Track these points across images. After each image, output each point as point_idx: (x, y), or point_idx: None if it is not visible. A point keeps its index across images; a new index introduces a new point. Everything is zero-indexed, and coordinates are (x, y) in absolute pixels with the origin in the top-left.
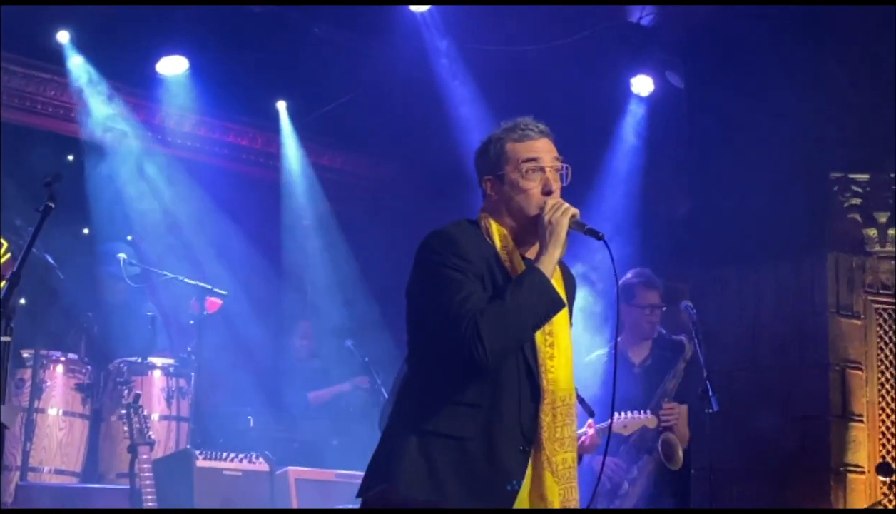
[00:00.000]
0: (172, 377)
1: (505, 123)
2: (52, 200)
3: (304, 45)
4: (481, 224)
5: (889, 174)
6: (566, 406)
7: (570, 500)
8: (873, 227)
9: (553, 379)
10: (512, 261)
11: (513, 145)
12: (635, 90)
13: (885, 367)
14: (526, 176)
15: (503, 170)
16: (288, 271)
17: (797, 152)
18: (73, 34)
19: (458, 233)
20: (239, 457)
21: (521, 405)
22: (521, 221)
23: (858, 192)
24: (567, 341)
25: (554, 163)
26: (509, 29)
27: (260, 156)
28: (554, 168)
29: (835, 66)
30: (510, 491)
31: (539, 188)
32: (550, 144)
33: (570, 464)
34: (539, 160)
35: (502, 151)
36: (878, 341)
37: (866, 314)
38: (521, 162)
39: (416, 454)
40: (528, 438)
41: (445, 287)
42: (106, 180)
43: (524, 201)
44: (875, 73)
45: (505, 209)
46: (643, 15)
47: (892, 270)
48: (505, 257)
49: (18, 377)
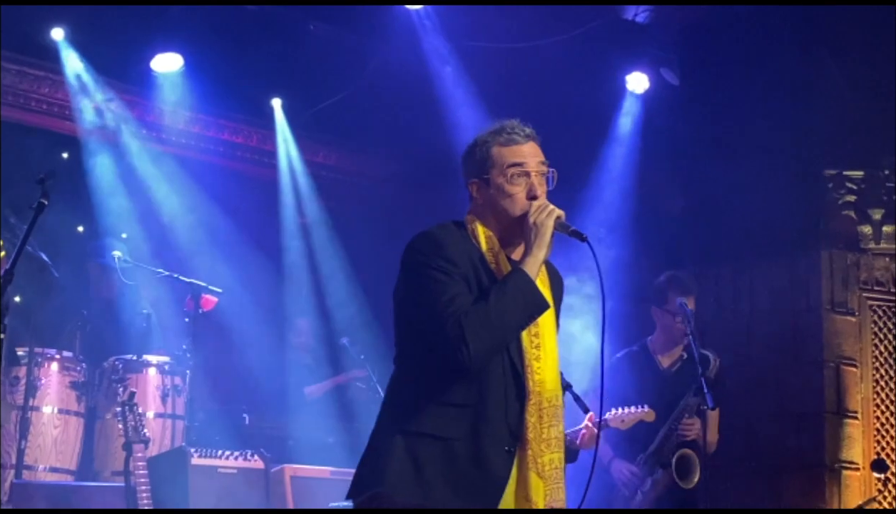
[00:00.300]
0: (167, 375)
1: (491, 126)
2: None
3: (299, 42)
4: (467, 226)
5: (883, 171)
6: (553, 407)
7: (557, 500)
8: (868, 224)
9: (539, 380)
10: (498, 262)
11: (499, 149)
12: (630, 87)
13: (880, 363)
14: (511, 181)
15: (489, 173)
16: (283, 268)
17: (791, 149)
18: (67, 31)
19: (443, 235)
20: (234, 455)
21: (507, 406)
22: (506, 224)
23: (853, 189)
24: (553, 342)
25: (539, 167)
26: (504, 27)
27: (255, 153)
28: (539, 172)
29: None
30: (495, 491)
31: (524, 193)
32: (536, 148)
33: (556, 465)
34: (524, 165)
35: (488, 155)
36: (872, 337)
37: (861, 311)
38: (506, 167)
39: (404, 455)
40: (514, 438)
41: (430, 289)
42: (100, 178)
43: (509, 205)
44: (869, 70)
45: (490, 212)
46: (638, 12)
47: (887, 266)
48: (491, 259)
49: (13, 375)
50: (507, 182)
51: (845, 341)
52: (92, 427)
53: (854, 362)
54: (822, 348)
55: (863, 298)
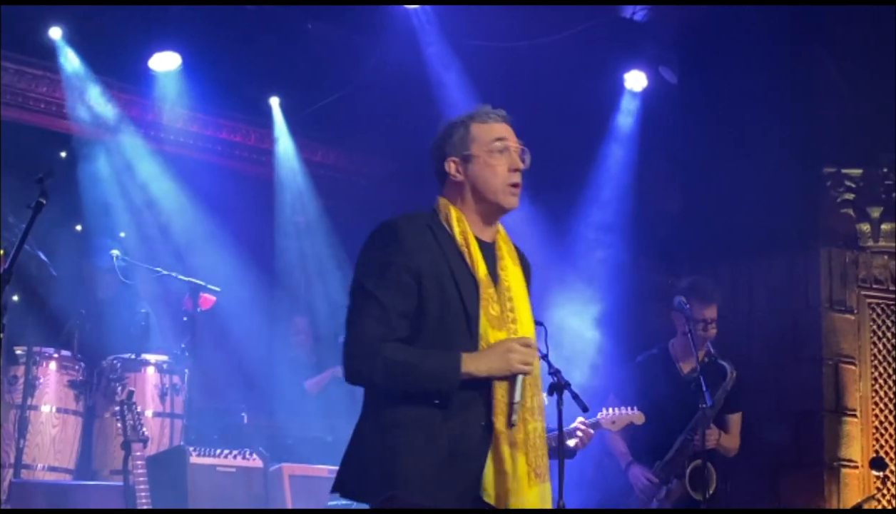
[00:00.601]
0: (166, 374)
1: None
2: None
3: (297, 41)
4: (440, 211)
5: (882, 169)
6: (533, 378)
7: (541, 468)
8: (866, 222)
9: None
10: (468, 245)
11: (478, 127)
12: (628, 86)
13: (879, 361)
14: (493, 155)
15: (469, 149)
16: (281, 267)
17: (790, 147)
18: (65, 30)
19: (405, 227)
20: (233, 453)
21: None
22: (483, 201)
23: (851, 187)
24: (528, 315)
25: (517, 145)
26: (502, 25)
27: (253, 152)
28: (518, 150)
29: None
30: (475, 467)
31: (506, 166)
32: (511, 129)
33: (540, 433)
34: (506, 140)
35: (468, 132)
36: (871, 335)
37: (860, 309)
38: (490, 141)
39: (385, 444)
40: (490, 413)
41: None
42: (98, 177)
43: (491, 177)
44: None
45: (469, 189)
46: (636, 10)
47: (886, 264)
48: (462, 242)
49: (11, 374)
50: (489, 156)
51: (844, 339)
52: (90, 426)
53: (853, 360)
54: (820, 346)
55: (861, 296)
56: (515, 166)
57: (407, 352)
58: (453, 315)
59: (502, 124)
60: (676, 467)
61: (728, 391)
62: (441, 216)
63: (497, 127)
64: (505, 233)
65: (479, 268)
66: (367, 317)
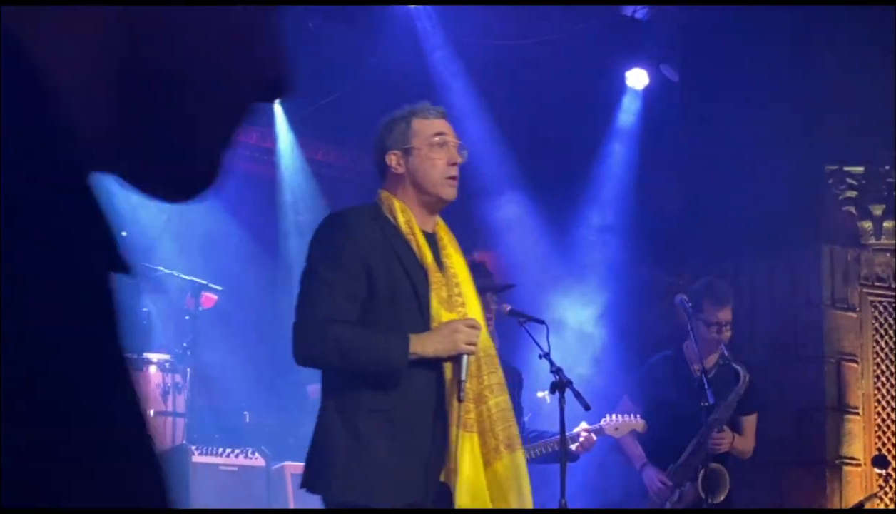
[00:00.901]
0: (168, 373)
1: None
2: None
3: (298, 40)
4: (383, 203)
5: (884, 166)
6: (488, 356)
7: (512, 437)
8: (868, 219)
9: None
10: (414, 234)
11: (419, 122)
12: (630, 84)
13: (881, 359)
14: (433, 149)
15: (410, 143)
16: (283, 266)
17: (792, 145)
18: None
19: (353, 218)
20: (235, 452)
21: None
22: (423, 193)
23: (853, 184)
24: (474, 299)
25: (456, 140)
26: (504, 24)
27: (254, 151)
28: (456, 145)
29: (829, 59)
30: (438, 452)
31: (445, 160)
32: (450, 125)
33: (503, 406)
34: (445, 135)
35: (409, 127)
36: (873, 333)
37: (862, 307)
38: (430, 135)
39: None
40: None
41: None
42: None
43: (430, 169)
44: (869, 65)
45: (410, 182)
46: (638, 8)
47: (888, 262)
48: (407, 231)
49: None
50: (429, 150)
51: (846, 337)
52: None
53: (855, 357)
54: (822, 344)
55: (863, 293)
56: (454, 160)
57: (356, 332)
58: (404, 300)
59: (442, 120)
60: (689, 470)
61: (741, 395)
62: (385, 208)
63: (437, 122)
64: (444, 224)
65: (426, 255)
66: (318, 301)
